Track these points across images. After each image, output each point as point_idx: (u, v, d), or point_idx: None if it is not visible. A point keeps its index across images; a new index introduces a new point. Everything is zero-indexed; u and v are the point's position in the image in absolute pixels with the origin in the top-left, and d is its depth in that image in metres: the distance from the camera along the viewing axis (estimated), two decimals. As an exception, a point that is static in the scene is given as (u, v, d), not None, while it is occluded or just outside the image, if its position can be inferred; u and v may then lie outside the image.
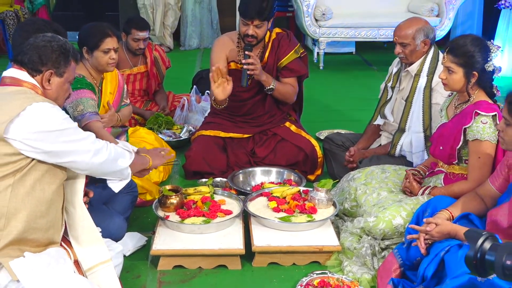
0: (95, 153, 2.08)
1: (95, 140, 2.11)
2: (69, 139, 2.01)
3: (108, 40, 3.01)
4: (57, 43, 2.09)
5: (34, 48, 2.06)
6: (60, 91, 2.13)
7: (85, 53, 3.02)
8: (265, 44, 3.62)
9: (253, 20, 3.40)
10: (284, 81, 3.62)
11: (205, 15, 7.31)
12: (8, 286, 1.93)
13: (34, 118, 1.93)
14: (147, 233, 2.96)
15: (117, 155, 2.21)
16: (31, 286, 1.92)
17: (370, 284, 2.54)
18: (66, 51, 2.11)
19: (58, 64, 2.08)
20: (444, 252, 2.23)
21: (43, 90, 2.07)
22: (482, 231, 1.42)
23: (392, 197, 2.79)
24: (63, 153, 2.00)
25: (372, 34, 6.46)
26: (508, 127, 2.15)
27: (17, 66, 2.08)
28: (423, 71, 3.17)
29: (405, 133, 3.21)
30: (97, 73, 3.11)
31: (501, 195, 2.33)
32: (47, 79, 2.07)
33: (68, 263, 2.08)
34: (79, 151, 2.04)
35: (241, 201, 2.99)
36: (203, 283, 2.59)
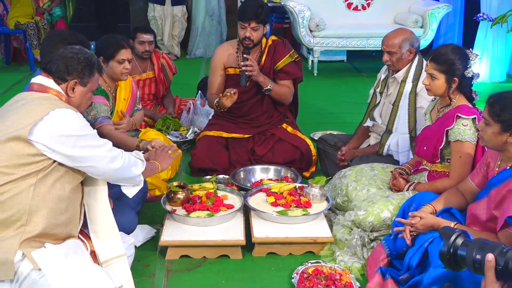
0: (111, 160, 2.08)
1: (111, 148, 2.11)
2: (87, 144, 2.01)
3: (123, 51, 3.04)
4: (83, 56, 2.11)
5: (62, 59, 2.08)
6: (83, 99, 2.14)
7: (102, 63, 3.02)
8: (262, 49, 3.64)
9: (250, 22, 3.43)
10: (280, 83, 3.64)
11: (214, 27, 7.32)
12: (30, 274, 1.92)
13: (56, 123, 1.94)
14: (156, 225, 2.96)
15: (131, 163, 2.20)
16: (52, 274, 1.91)
17: (360, 272, 2.54)
18: (91, 63, 2.12)
19: (82, 75, 2.09)
20: (428, 243, 2.23)
21: (67, 97, 2.08)
22: (455, 229, 1.42)
23: (380, 193, 2.79)
24: (81, 158, 2.00)
25: (362, 44, 6.46)
26: (487, 127, 2.15)
27: (45, 74, 2.09)
28: (409, 77, 3.17)
29: (392, 134, 3.21)
30: (112, 81, 3.12)
31: (480, 191, 2.33)
32: (72, 88, 2.08)
33: (85, 254, 2.08)
34: (97, 156, 2.04)
35: (242, 196, 2.99)
36: (207, 271, 2.59)
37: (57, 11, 7.38)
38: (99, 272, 2.00)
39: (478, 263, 1.32)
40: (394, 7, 6.82)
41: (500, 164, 2.25)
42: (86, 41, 2.64)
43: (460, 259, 1.38)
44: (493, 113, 2.12)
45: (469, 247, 1.36)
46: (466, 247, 1.37)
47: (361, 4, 6.83)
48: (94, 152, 2.03)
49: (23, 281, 1.94)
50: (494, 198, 2.15)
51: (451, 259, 1.39)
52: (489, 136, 2.17)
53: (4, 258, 1.90)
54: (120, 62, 3.03)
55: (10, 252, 1.90)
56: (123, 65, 3.04)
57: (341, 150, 3.40)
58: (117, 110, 3.16)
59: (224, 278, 2.54)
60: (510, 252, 1.26)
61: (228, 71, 3.68)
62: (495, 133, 2.14)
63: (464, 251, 1.37)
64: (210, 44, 7.32)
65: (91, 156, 2.02)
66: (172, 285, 2.49)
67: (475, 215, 2.26)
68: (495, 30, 6.10)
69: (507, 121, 2.09)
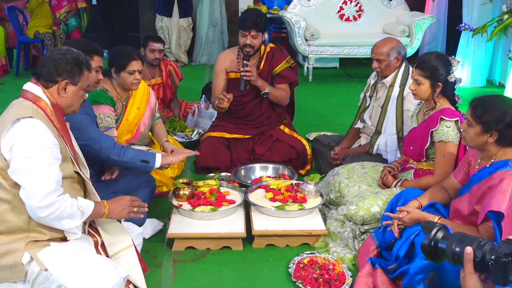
0: (39, 201, 1.80)
1: (51, 193, 1.83)
2: (27, 168, 1.81)
3: (134, 63, 2.99)
4: (71, 56, 1.99)
5: (51, 61, 1.97)
6: (75, 97, 2.03)
7: (113, 73, 3.01)
8: (261, 56, 3.65)
9: (250, 31, 3.44)
10: (277, 86, 3.64)
11: (217, 36, 7.32)
12: (40, 273, 1.91)
13: (18, 132, 1.84)
14: (163, 219, 2.95)
15: (63, 216, 1.88)
16: (59, 272, 1.89)
17: (352, 262, 2.54)
18: (80, 62, 2.01)
19: (73, 74, 1.98)
20: (414, 235, 2.22)
21: (57, 98, 1.97)
22: (435, 223, 1.42)
23: (370, 189, 2.79)
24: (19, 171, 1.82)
25: (353, 52, 6.45)
26: (469, 128, 2.15)
27: (34, 80, 1.99)
28: (396, 82, 3.17)
29: (381, 135, 3.21)
30: (123, 91, 3.08)
31: (462, 187, 2.33)
32: (63, 88, 1.98)
33: (91, 248, 2.04)
34: (29, 185, 1.81)
35: (242, 193, 2.98)
36: (211, 262, 2.59)
37: (73, 21, 7.37)
38: (105, 264, 1.97)
39: (457, 255, 1.32)
40: (383, 18, 6.81)
41: (481, 162, 2.24)
42: (100, 49, 2.64)
43: (440, 252, 1.38)
44: (476, 115, 2.12)
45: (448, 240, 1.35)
46: (446, 240, 1.36)
47: (353, 15, 6.83)
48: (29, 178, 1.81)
49: (35, 280, 1.93)
50: (475, 194, 2.15)
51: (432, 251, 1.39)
52: (471, 137, 2.16)
53: (12, 261, 1.88)
54: (131, 73, 2.99)
55: (17, 255, 1.88)
56: (134, 75, 3.00)
57: (334, 150, 3.39)
58: (126, 118, 3.10)
59: (226, 267, 2.54)
60: (487, 245, 1.26)
61: (229, 76, 3.70)
62: (476, 134, 2.13)
63: (444, 244, 1.36)
64: (213, 52, 7.32)
65: (25, 178, 1.81)
66: (178, 274, 2.49)
67: (457, 209, 2.26)
68: (476, 39, 6.10)
69: (488, 123, 2.09)
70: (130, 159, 2.52)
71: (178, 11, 6.97)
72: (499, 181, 2.04)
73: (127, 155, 2.51)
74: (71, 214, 1.91)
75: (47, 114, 1.93)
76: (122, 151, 2.50)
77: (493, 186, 2.05)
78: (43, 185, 1.82)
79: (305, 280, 2.36)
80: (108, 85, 3.01)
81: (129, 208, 2.12)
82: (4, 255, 1.89)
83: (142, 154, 2.60)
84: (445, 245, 1.36)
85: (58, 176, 1.88)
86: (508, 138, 2.09)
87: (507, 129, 2.07)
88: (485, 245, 1.26)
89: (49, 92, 1.97)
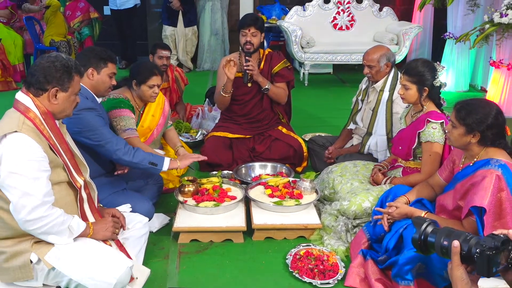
0: (27, 215, 1.76)
1: (38, 207, 1.77)
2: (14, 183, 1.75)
3: (154, 78, 3.00)
4: (60, 63, 1.88)
5: (40, 70, 1.86)
6: (67, 103, 1.92)
7: (134, 85, 3.02)
8: (260, 57, 3.68)
9: (250, 28, 3.47)
10: (276, 85, 3.65)
11: (219, 45, 7.33)
12: (50, 271, 1.91)
13: (5, 147, 1.78)
14: (170, 214, 2.95)
15: (52, 232, 1.84)
16: (66, 269, 1.88)
17: (345, 254, 2.53)
18: (69, 68, 1.89)
19: (62, 81, 1.88)
20: (402, 229, 2.22)
21: (48, 105, 1.88)
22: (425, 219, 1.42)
23: (362, 186, 2.78)
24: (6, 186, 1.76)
25: (346, 59, 6.45)
26: (454, 129, 2.15)
27: (25, 90, 1.89)
28: (386, 87, 3.16)
29: (372, 136, 3.20)
30: (141, 101, 3.09)
31: (447, 184, 2.32)
32: (54, 95, 1.88)
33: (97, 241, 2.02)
34: (16, 199, 1.75)
35: (243, 189, 2.98)
36: (213, 253, 2.58)
37: (86, 30, 7.37)
38: (112, 255, 1.96)
39: (445, 248, 1.32)
40: (373, 27, 6.81)
41: (464, 161, 2.24)
42: (114, 56, 2.63)
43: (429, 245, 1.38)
44: (459, 118, 2.11)
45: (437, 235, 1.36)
46: (435, 234, 1.36)
47: (345, 25, 6.82)
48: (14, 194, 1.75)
49: (47, 276, 1.93)
50: (459, 191, 2.15)
51: (422, 245, 1.39)
52: (455, 137, 2.16)
53: (21, 262, 1.88)
54: (151, 86, 3.00)
55: (25, 255, 1.87)
56: (153, 89, 3.01)
57: (328, 150, 3.39)
58: (142, 125, 3.11)
59: (228, 259, 2.53)
60: (472, 239, 1.26)
61: None
62: (460, 135, 2.13)
63: (433, 238, 1.37)
64: (216, 59, 7.32)
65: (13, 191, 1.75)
66: (183, 264, 2.48)
67: (443, 205, 2.26)
68: (459, 47, 6.09)
69: (471, 125, 2.09)
70: (139, 160, 2.50)
71: (182, 21, 6.98)
72: (481, 178, 2.04)
73: (137, 156, 2.50)
74: (59, 232, 1.85)
75: (36, 125, 1.84)
76: (133, 152, 2.49)
77: (476, 183, 2.05)
78: (30, 199, 1.75)
79: (301, 270, 2.35)
80: (128, 95, 3.03)
81: (112, 228, 2.05)
82: (13, 257, 1.88)
83: (151, 156, 2.57)
84: (434, 239, 1.36)
85: (45, 188, 1.80)
86: (490, 139, 2.09)
87: (488, 130, 2.07)
88: (471, 239, 1.26)
89: (39, 100, 1.87)
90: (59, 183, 1.92)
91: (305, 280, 2.30)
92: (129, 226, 2.25)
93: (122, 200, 2.48)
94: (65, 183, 1.96)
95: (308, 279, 2.30)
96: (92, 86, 2.51)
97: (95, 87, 2.52)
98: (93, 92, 2.52)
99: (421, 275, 2.12)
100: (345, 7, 6.77)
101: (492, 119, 2.07)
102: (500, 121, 2.09)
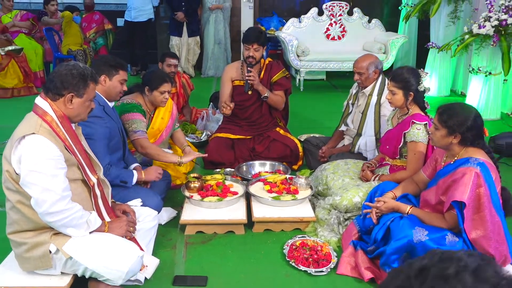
0: (48, 208, 1.76)
1: (59, 201, 1.78)
2: (34, 180, 1.75)
3: (166, 84, 3.01)
4: (77, 71, 1.88)
5: (58, 76, 1.87)
6: (81, 108, 1.92)
7: (146, 91, 3.01)
8: (261, 67, 3.67)
9: (253, 44, 3.47)
10: (275, 93, 3.65)
11: (222, 53, 7.32)
12: (68, 260, 1.91)
13: (24, 148, 1.78)
14: (177, 208, 2.95)
15: (71, 225, 1.85)
16: (82, 259, 1.89)
17: (337, 244, 2.53)
18: (85, 76, 1.89)
19: (78, 88, 1.87)
20: (389, 221, 2.22)
21: (64, 109, 1.88)
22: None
23: (352, 182, 2.78)
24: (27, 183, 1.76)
25: (338, 66, 6.44)
26: (436, 131, 2.15)
27: (43, 95, 1.89)
28: (374, 92, 3.16)
29: (361, 136, 3.20)
30: (152, 105, 3.09)
31: (430, 181, 2.32)
32: (69, 100, 1.87)
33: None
34: (37, 195, 1.75)
35: (244, 185, 2.97)
36: (217, 244, 2.58)
37: (100, 40, 7.36)
38: (124, 246, 1.96)
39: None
40: (363, 37, 6.80)
41: (446, 159, 2.24)
42: (124, 64, 2.62)
43: None
44: (442, 120, 2.11)
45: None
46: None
47: (337, 35, 6.82)
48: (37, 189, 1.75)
49: (65, 264, 1.93)
50: (441, 187, 2.15)
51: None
52: (438, 138, 2.16)
53: (41, 252, 1.88)
54: (162, 92, 3.00)
55: (45, 246, 1.88)
56: (164, 95, 3.01)
57: (321, 149, 3.39)
58: (152, 127, 3.11)
59: (230, 249, 2.53)
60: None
61: (234, 83, 3.73)
62: (442, 136, 2.13)
63: None
64: (219, 66, 7.32)
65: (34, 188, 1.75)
66: (190, 254, 2.48)
67: (426, 200, 2.26)
68: (441, 56, 6.09)
69: (452, 127, 2.09)
70: (112, 179, 2.39)
71: (186, 32, 7.00)
72: (461, 175, 2.03)
73: (110, 175, 2.41)
74: (77, 225, 1.87)
75: (52, 127, 1.84)
76: (107, 171, 2.39)
77: (457, 180, 2.05)
78: (50, 194, 1.76)
79: (297, 259, 2.35)
80: (141, 100, 3.03)
81: (126, 227, 2.05)
82: (34, 248, 1.89)
83: (123, 175, 2.51)
84: None
85: (63, 184, 1.80)
86: (469, 139, 2.09)
87: (468, 132, 2.07)
88: None
89: (56, 104, 1.87)
90: (74, 181, 1.92)
91: (301, 269, 2.30)
92: (140, 219, 2.25)
93: (133, 195, 2.47)
94: (79, 181, 1.95)
95: (303, 268, 2.30)
96: (104, 91, 2.51)
97: (107, 92, 2.52)
98: (105, 97, 2.51)
99: (407, 263, 2.11)
100: (337, 19, 6.77)
101: (471, 122, 2.07)
102: (478, 123, 2.09)
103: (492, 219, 2.02)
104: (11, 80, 5.99)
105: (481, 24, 4.84)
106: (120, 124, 2.66)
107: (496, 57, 4.96)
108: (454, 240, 2.07)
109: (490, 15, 4.81)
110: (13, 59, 6.02)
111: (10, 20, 6.62)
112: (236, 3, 7.45)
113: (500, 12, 4.77)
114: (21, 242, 1.90)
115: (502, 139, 3.87)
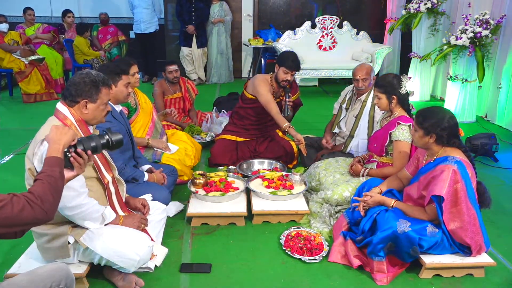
0: (67, 204, 1.76)
1: (76, 197, 1.77)
2: None
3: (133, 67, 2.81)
4: (89, 78, 1.86)
5: (72, 85, 1.86)
6: (97, 112, 1.89)
7: None
8: None
9: (293, 71, 3.35)
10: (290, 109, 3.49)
11: (224, 63, 7.33)
12: (84, 250, 1.91)
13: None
14: (184, 201, 2.93)
15: (88, 218, 1.85)
16: (98, 249, 1.89)
17: (328, 235, 2.53)
18: (97, 83, 1.86)
19: (90, 94, 1.85)
20: (376, 214, 2.22)
21: (80, 114, 1.86)
22: None
23: (342, 178, 2.78)
24: None
25: (329, 74, 6.43)
26: (415, 132, 2.17)
27: (63, 100, 1.88)
28: (369, 99, 3.16)
29: (354, 138, 3.20)
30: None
31: (413, 177, 2.32)
32: (84, 106, 1.86)
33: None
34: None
35: (245, 181, 2.97)
36: (220, 234, 2.57)
37: (115, 50, 7.35)
38: (135, 237, 1.96)
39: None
40: (352, 48, 6.80)
41: (427, 158, 2.24)
42: (125, 68, 2.59)
43: None
44: (418, 122, 2.13)
45: None
46: None
47: (329, 46, 6.82)
48: None
49: (82, 254, 1.93)
50: (422, 182, 2.14)
51: None
52: (417, 139, 2.17)
53: (61, 243, 1.88)
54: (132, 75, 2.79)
55: (64, 238, 1.87)
56: (135, 77, 2.83)
57: (325, 138, 3.40)
58: (142, 106, 3.08)
59: (232, 239, 2.53)
60: None
61: None
62: (420, 136, 2.14)
63: None
64: (222, 74, 7.34)
65: None
66: (195, 244, 2.47)
67: (409, 194, 2.25)
68: (422, 64, 6.09)
69: (427, 128, 2.10)
70: (126, 177, 2.41)
71: (196, 43, 7.03)
72: (440, 172, 2.03)
73: (124, 174, 2.42)
74: (93, 218, 1.87)
75: None
76: (122, 171, 2.40)
77: (436, 176, 2.04)
78: (69, 191, 1.74)
79: (292, 248, 2.34)
80: None
81: (138, 223, 2.04)
82: (54, 239, 1.89)
83: (135, 174, 2.52)
84: None
85: (80, 181, 1.79)
86: (445, 138, 2.10)
87: (442, 132, 2.08)
88: None
89: (74, 109, 1.87)
90: (90, 178, 1.92)
91: (296, 257, 2.29)
92: (150, 212, 2.25)
93: (144, 190, 2.48)
94: (94, 179, 1.95)
95: (298, 256, 2.29)
96: (112, 97, 2.48)
97: (115, 97, 2.51)
98: (113, 102, 2.50)
99: (392, 252, 2.11)
100: (329, 31, 6.77)
101: (445, 123, 2.07)
102: (452, 124, 2.09)
103: (468, 211, 2.02)
104: (34, 86, 6.02)
105: (458, 36, 4.85)
106: (128, 126, 2.66)
107: (471, 66, 4.97)
108: (434, 231, 2.07)
109: (466, 28, 4.83)
110: (36, 67, 6.03)
111: (33, 32, 6.67)
112: (237, 17, 7.45)
113: (475, 25, 4.79)
114: (42, 234, 1.90)
115: (477, 139, 3.88)
